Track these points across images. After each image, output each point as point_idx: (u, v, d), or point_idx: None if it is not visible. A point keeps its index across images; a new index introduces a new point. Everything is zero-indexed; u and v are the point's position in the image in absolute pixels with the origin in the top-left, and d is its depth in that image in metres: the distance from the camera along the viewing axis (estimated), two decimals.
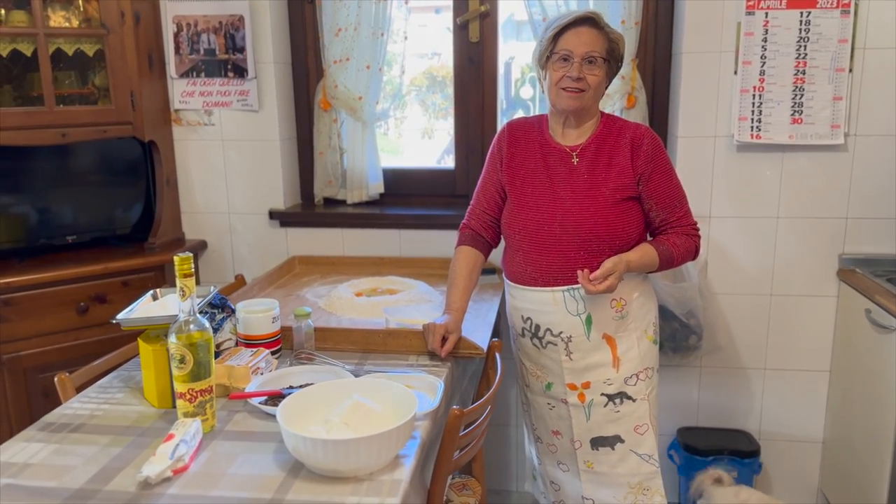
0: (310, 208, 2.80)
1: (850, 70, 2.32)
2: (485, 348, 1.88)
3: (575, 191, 1.87)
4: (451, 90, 2.78)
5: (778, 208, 2.46)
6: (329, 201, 2.83)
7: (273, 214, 2.75)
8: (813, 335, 2.53)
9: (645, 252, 1.85)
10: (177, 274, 1.41)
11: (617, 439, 1.93)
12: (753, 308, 2.54)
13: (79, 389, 1.70)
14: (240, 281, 2.66)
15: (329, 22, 2.63)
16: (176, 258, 1.41)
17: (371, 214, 2.72)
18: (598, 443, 1.94)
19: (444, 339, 1.80)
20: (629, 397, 1.90)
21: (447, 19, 2.70)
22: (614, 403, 1.91)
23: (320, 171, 2.79)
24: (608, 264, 1.76)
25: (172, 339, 1.42)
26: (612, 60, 1.86)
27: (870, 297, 2.22)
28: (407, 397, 1.40)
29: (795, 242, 2.47)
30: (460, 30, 2.65)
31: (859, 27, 2.29)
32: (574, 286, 1.85)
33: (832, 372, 2.54)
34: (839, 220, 2.43)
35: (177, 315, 1.45)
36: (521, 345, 2.01)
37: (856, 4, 2.27)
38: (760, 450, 2.52)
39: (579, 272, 1.76)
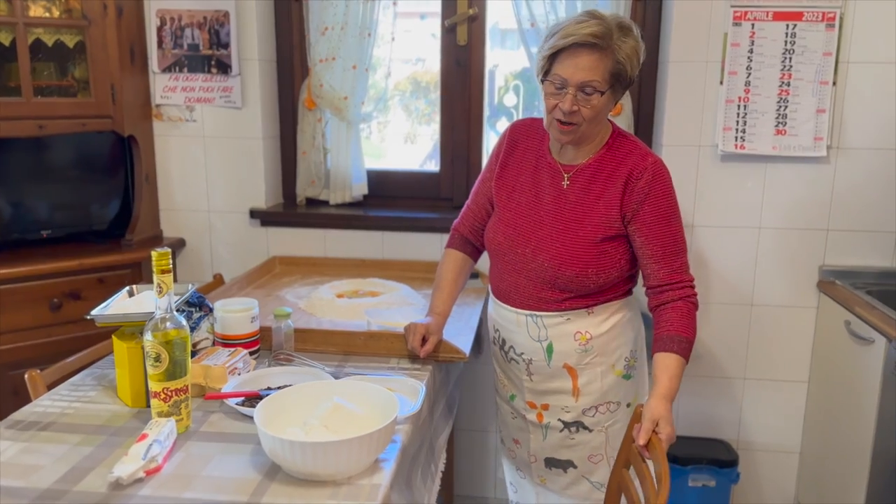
0: (292, 208, 2.77)
1: (834, 83, 2.34)
2: (467, 353, 1.86)
3: (557, 218, 1.73)
4: (434, 96, 2.77)
5: (760, 219, 2.47)
6: (311, 201, 2.80)
7: (254, 213, 2.71)
8: (792, 346, 2.54)
9: (668, 369, 1.61)
10: (154, 269, 1.38)
11: (569, 464, 1.87)
12: (734, 318, 2.54)
13: (50, 387, 1.66)
14: (218, 280, 2.62)
15: (316, 20, 2.61)
16: (153, 253, 1.38)
17: (354, 216, 2.69)
18: (551, 463, 1.89)
19: (424, 341, 1.78)
20: (585, 427, 1.82)
21: (432, 25, 2.69)
22: (570, 431, 1.83)
23: (303, 171, 2.76)
24: (647, 423, 1.54)
25: (148, 336, 1.38)
26: (618, 84, 1.63)
27: (849, 308, 2.23)
28: (388, 400, 1.38)
29: (777, 253, 2.48)
30: (448, 33, 2.63)
31: (844, 41, 2.31)
32: (538, 313, 1.75)
33: (810, 382, 2.55)
34: (820, 232, 2.45)
35: (153, 312, 1.41)
36: (493, 350, 1.97)
37: (841, 18, 2.29)
38: (739, 459, 2.52)
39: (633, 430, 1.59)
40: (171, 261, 1.39)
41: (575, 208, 1.72)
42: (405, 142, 2.89)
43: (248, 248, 2.74)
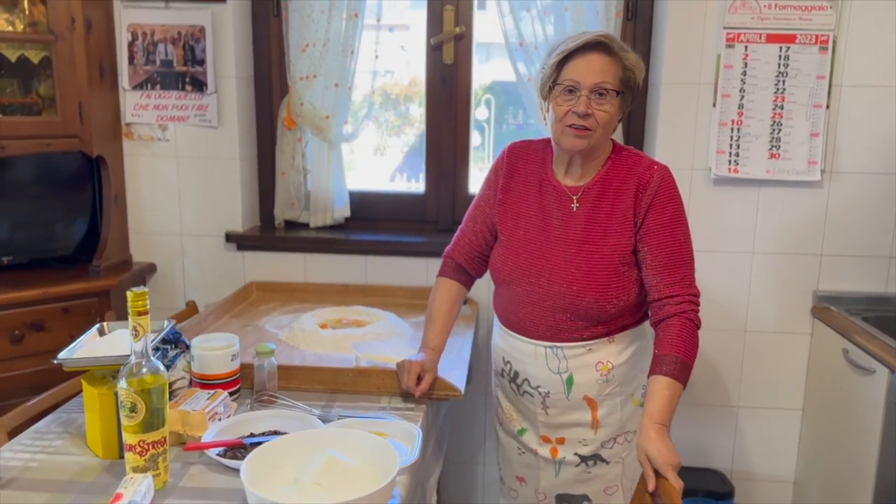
0: (270, 231, 2.66)
1: (828, 107, 2.30)
2: (462, 389, 1.76)
3: (569, 243, 1.65)
4: (405, 108, 2.71)
5: (753, 243, 2.42)
6: (290, 224, 2.69)
7: (230, 237, 2.59)
8: (786, 373, 2.49)
9: (653, 394, 1.52)
10: (129, 311, 1.26)
11: (584, 498, 1.79)
12: (727, 344, 2.49)
13: (11, 434, 1.53)
14: (191, 308, 2.50)
15: (296, 37, 2.51)
16: (129, 294, 1.26)
17: (335, 239, 2.58)
18: (563, 499, 1.81)
19: (418, 378, 1.68)
20: (603, 460, 1.75)
21: (401, 38, 2.60)
22: (587, 465, 1.76)
23: (282, 193, 2.65)
24: (644, 466, 1.46)
25: (122, 384, 1.26)
26: (627, 91, 1.60)
27: (848, 336, 2.18)
28: (386, 452, 1.27)
29: (770, 278, 2.44)
30: (433, 51, 2.55)
31: (837, 64, 2.28)
32: (557, 344, 1.67)
33: (805, 410, 2.50)
34: (814, 257, 2.41)
35: (127, 356, 1.30)
36: (499, 382, 1.87)
37: (834, 41, 2.26)
38: (734, 491, 2.45)
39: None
40: (147, 302, 1.27)
41: (587, 231, 1.65)
42: (375, 153, 2.81)
43: (224, 274, 2.62)
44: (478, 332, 2.41)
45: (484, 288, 2.28)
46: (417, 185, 2.76)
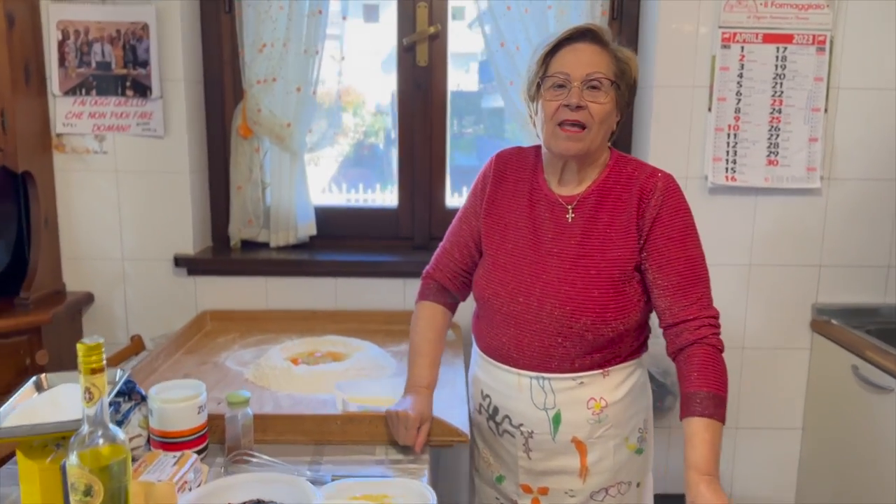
0: (224, 253, 2.40)
1: (826, 110, 2.20)
2: (467, 432, 1.54)
3: (562, 258, 1.47)
4: (338, 118, 2.52)
5: (750, 255, 2.29)
6: (248, 244, 2.44)
7: (179, 261, 2.32)
8: (786, 391, 2.37)
9: (692, 438, 1.35)
10: (81, 369, 1.00)
11: None
12: (726, 363, 2.35)
13: None
14: (136, 343, 2.21)
15: (251, 35, 2.26)
16: (80, 346, 1.00)
17: (300, 260, 2.35)
18: None
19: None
20: None
21: (332, 48, 2.36)
22: None
23: (238, 209, 2.40)
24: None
25: (73, 459, 1.00)
26: (623, 85, 1.44)
27: (857, 352, 2.07)
28: None
29: (768, 292, 2.32)
30: (406, 52, 2.34)
31: (834, 65, 2.18)
32: (545, 375, 1.48)
33: (805, 429, 2.38)
34: (812, 268, 2.30)
35: (76, 421, 1.03)
36: (476, 420, 1.65)
37: (831, 42, 2.16)
38: None
39: None
40: (103, 356, 1.02)
41: (583, 244, 1.47)
42: (307, 164, 2.58)
43: (173, 303, 2.34)
44: (466, 359, 2.20)
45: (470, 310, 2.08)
46: (363, 196, 2.62)
